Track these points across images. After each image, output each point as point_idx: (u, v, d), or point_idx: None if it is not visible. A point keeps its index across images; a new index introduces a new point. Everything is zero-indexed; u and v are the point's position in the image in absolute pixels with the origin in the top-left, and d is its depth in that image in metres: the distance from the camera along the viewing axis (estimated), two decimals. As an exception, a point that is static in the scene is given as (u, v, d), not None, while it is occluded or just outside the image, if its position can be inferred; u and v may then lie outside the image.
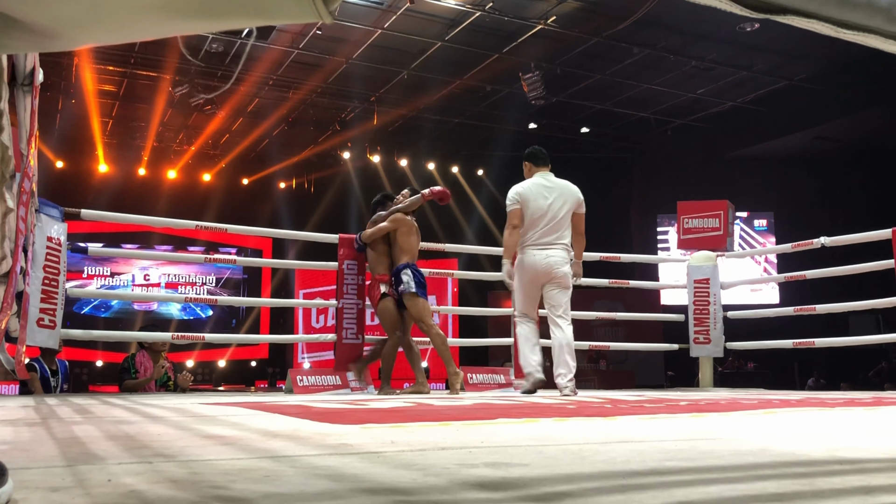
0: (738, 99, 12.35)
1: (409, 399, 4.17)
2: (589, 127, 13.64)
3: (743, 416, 2.73)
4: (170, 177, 14.38)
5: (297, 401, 4.00)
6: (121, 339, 9.24)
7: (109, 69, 11.06)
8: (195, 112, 12.10)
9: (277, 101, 12.29)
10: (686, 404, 3.52)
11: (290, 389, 5.50)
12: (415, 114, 12.98)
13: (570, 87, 11.76)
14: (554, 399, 4.24)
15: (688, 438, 1.89)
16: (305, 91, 11.87)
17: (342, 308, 5.81)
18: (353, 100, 12.38)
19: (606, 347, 7.77)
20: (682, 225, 7.08)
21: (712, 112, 12.93)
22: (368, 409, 3.10)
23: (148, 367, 6.00)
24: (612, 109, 12.82)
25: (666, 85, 11.69)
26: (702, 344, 6.71)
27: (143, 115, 12.75)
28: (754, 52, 10.69)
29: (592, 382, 11.62)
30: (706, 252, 6.91)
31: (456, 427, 2.15)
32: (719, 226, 6.93)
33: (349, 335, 5.79)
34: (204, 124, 13.05)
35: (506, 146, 14.04)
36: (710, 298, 6.73)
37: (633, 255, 8.36)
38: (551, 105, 12.01)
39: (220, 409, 3.18)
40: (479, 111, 12.95)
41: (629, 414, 2.80)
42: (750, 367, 12.42)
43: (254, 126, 13.34)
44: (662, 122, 13.42)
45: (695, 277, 6.83)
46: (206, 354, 14.72)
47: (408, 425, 2.20)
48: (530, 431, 2.07)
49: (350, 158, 14.52)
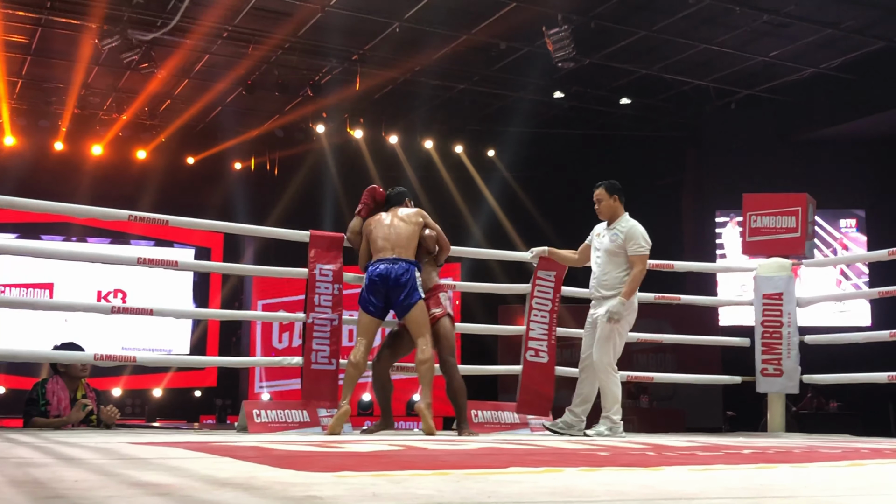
0: (822, 64, 12.34)
1: (396, 441, 4.18)
2: (630, 97, 13.62)
3: (822, 469, 2.73)
4: (94, 153, 14.36)
5: (254, 441, 4.00)
6: (28, 358, 9.24)
7: (19, 14, 11.05)
8: (128, 71, 12.06)
9: (233, 59, 12.27)
10: (750, 453, 3.52)
11: (243, 427, 5.50)
12: (408, 77, 12.97)
13: (606, 46, 11.74)
14: (581, 444, 4.24)
15: (752, 496, 1.89)
16: (269, 46, 11.86)
17: (312, 324, 5.82)
18: (330, 58, 12.37)
19: (650, 379, 7.78)
20: (747, 224, 7.08)
21: (788, 81, 12.91)
22: (344, 454, 3.10)
23: (62, 398, 5.98)
24: (661, 76, 12.80)
25: (730, 45, 11.67)
26: (771, 376, 6.71)
27: (61, 74, 12.73)
28: (843, 4, 10.69)
29: (632, 423, 11.55)
30: (779, 259, 6.91)
31: (456, 477, 2.15)
32: (796, 226, 6.93)
33: (320, 359, 5.80)
34: (139, 87, 13.02)
35: (524, 120, 14.02)
36: (784, 318, 6.74)
37: (689, 263, 8.37)
38: (583, 68, 11.98)
39: (154, 450, 3.18)
40: (491, 75, 12.94)
41: (677, 464, 2.80)
42: (833, 406, 12.40)
43: (203, 90, 13.32)
44: (724, 92, 13.41)
45: (763, 291, 6.83)
46: (136, 381, 14.70)
47: (394, 474, 2.20)
48: (551, 483, 2.07)
49: (325, 133, 14.51)
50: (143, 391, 14.94)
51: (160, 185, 14.17)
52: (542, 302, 6.55)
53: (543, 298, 6.56)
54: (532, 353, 6.44)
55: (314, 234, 5.96)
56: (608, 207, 5.99)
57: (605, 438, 5.06)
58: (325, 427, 5.55)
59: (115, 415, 6.03)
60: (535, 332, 6.48)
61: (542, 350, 6.46)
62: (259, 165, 15.51)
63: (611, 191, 6.01)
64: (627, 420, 6.02)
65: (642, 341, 8.47)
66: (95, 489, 1.78)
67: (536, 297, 6.52)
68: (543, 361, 6.43)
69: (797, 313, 6.81)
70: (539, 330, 6.49)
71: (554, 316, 6.54)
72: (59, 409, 5.93)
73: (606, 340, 5.75)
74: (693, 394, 11.61)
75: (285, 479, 2.04)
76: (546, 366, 6.42)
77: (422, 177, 15.21)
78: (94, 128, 14.27)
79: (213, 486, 1.87)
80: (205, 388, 15.40)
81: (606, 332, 5.74)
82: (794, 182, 9.33)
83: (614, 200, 6.00)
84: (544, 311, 6.53)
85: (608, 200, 6.00)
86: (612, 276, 5.82)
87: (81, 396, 6.02)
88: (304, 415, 5.69)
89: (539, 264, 6.55)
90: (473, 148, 15.39)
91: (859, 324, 13.32)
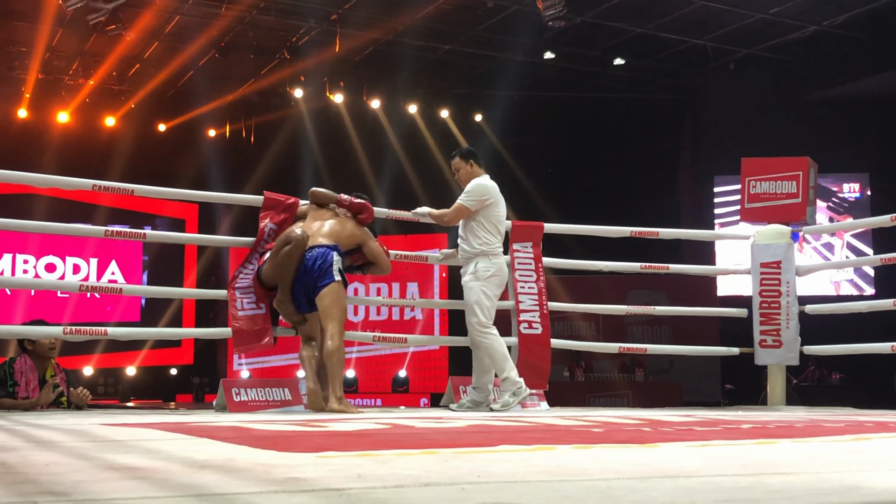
0: (825, 21, 12.33)
1: (382, 419, 4.20)
2: (624, 58, 13.60)
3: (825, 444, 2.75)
4: (60, 120, 14.28)
5: (233, 421, 4.01)
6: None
7: (-23, -26, 10.94)
8: (94, 33, 11.96)
9: (206, 20, 12.18)
10: (750, 427, 3.54)
11: (222, 406, 5.50)
12: (391, 38, 12.90)
13: (599, 4, 11.70)
14: (575, 420, 4.27)
15: (752, 473, 1.90)
16: (243, 6, 11.77)
17: (236, 276, 5.84)
18: (308, 18, 12.29)
19: (643, 351, 7.80)
20: (746, 189, 7.09)
21: (789, 39, 12.90)
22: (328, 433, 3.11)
23: (30, 379, 5.97)
24: (656, 34, 12.77)
25: (728, 2, 11.65)
26: (770, 348, 6.74)
27: (23, 36, 12.61)
28: (846, -42, 10.67)
29: (626, 398, 11.67)
30: (777, 226, 6.92)
31: (444, 456, 2.16)
32: (797, 191, 6.94)
33: (247, 305, 5.80)
34: (106, 50, 12.92)
35: (513, 83, 13.98)
36: (782, 288, 6.76)
37: (676, 231, 8.33)
38: (574, 27, 11.95)
39: (129, 431, 3.18)
40: (478, 35, 12.88)
41: (674, 440, 2.82)
42: (835, 378, 12.50)
43: (174, 53, 13.23)
44: (722, 52, 13.39)
45: (761, 260, 6.85)
46: (109, 359, 14.70)
47: (380, 453, 2.21)
48: (543, 462, 2.08)
49: (303, 98, 14.45)
50: (115, 370, 14.94)
51: (130, 154, 14.11)
52: (526, 273, 6.57)
53: (526, 270, 6.58)
54: (525, 326, 6.46)
55: (268, 196, 5.99)
56: (466, 174, 6.04)
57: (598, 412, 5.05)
58: (306, 405, 5.55)
59: (86, 397, 6.03)
60: (525, 304, 6.50)
61: (535, 321, 6.48)
62: (234, 132, 15.44)
63: (466, 157, 6.07)
64: (621, 394, 6.04)
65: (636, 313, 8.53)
66: (68, 473, 1.78)
67: (518, 269, 6.55)
68: (538, 332, 6.46)
69: (797, 282, 6.83)
70: (529, 302, 6.51)
71: (542, 285, 6.56)
72: (27, 391, 5.92)
73: (474, 303, 5.81)
74: (690, 367, 11.69)
75: (267, 461, 2.04)
76: (541, 336, 6.45)
77: (406, 143, 15.17)
78: (59, 94, 14.17)
79: (192, 469, 1.87)
80: (181, 365, 15.41)
81: (473, 294, 5.82)
82: (796, 145, 9.34)
83: (471, 166, 6.05)
84: (530, 281, 6.56)
85: (465, 167, 6.05)
86: (470, 239, 5.91)
87: (51, 377, 6.01)
88: (285, 393, 5.70)
89: (512, 235, 6.57)
90: (460, 112, 15.35)
91: (862, 293, 13.41)
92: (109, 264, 15.31)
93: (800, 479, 1.76)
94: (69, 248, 14.84)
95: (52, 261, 14.86)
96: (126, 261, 15.42)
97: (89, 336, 6.25)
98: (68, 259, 14.97)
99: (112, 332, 6.95)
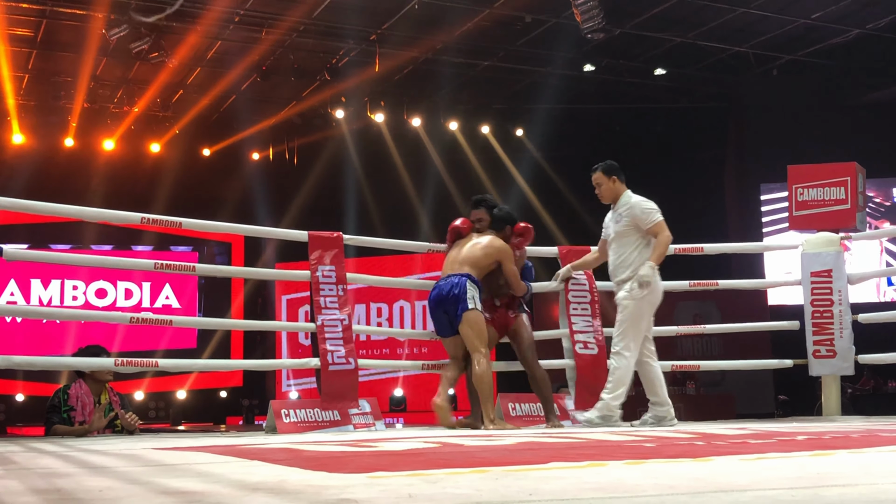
0: (870, 24, 12.18)
1: (431, 438, 4.19)
2: (665, 68, 13.53)
3: (882, 454, 2.71)
4: (106, 148, 14.48)
5: (283, 442, 4.03)
6: (49, 366, 9.35)
7: (23, 6, 11.15)
8: (138, 62, 12.14)
9: (246, 44, 12.32)
10: (805, 439, 3.50)
11: (272, 427, 5.54)
12: (429, 56, 12.95)
13: (638, 15, 11.66)
14: (626, 436, 4.24)
15: (808, 486, 1.88)
16: (283, 29, 11.88)
17: (322, 326, 5.88)
18: (347, 39, 12.38)
19: (696, 368, 7.74)
20: (794, 197, 7.03)
21: (833, 43, 12.77)
22: (377, 453, 3.12)
23: (86, 403, 6.04)
24: (696, 43, 12.70)
25: (769, 8, 11.56)
26: (824, 358, 6.66)
27: (68, 66, 12.83)
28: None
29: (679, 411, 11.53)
30: (826, 234, 6.85)
31: (495, 474, 2.15)
32: (845, 197, 6.87)
33: (336, 359, 5.86)
34: (150, 77, 13.10)
35: (553, 96, 13.96)
36: (834, 297, 6.68)
37: (721, 245, 8.24)
38: (614, 39, 11.91)
39: (181, 455, 3.21)
40: (517, 50, 12.90)
41: (728, 454, 2.79)
42: (891, 386, 12.32)
43: (216, 78, 13.38)
44: (765, 58, 13.28)
45: (811, 269, 6.77)
46: (159, 383, 14.84)
47: (430, 473, 2.21)
48: (594, 479, 2.07)
49: (345, 118, 14.52)
50: (166, 394, 15.08)
51: (176, 179, 14.29)
52: (580, 295, 6.59)
53: (580, 291, 6.59)
54: (581, 346, 6.48)
55: (312, 236, 6.04)
56: (609, 190, 5.95)
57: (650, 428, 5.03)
58: (356, 425, 5.59)
59: (135, 422, 6.09)
60: (578, 326, 6.53)
61: (591, 342, 6.50)
62: (277, 155, 15.57)
63: (608, 172, 5.96)
64: (674, 407, 5.97)
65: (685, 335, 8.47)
66: (122, 498, 1.80)
67: (572, 290, 6.56)
68: (594, 353, 6.47)
69: (848, 290, 6.74)
70: (582, 323, 6.54)
71: (596, 307, 6.59)
72: (83, 415, 5.98)
73: (625, 321, 5.66)
74: (742, 378, 11.55)
75: (318, 482, 2.05)
76: (598, 357, 6.45)
77: (447, 160, 15.20)
78: (104, 122, 14.37)
79: (244, 492, 1.89)
80: (230, 388, 15.50)
81: (627, 311, 5.66)
82: (843, 151, 9.23)
83: (613, 182, 5.95)
84: (584, 302, 6.57)
85: (607, 183, 5.95)
86: (627, 256, 5.78)
87: (106, 401, 6.08)
88: (334, 414, 5.72)
89: (565, 261, 6.58)
90: (500, 128, 15.35)
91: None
92: (163, 288, 15.43)
93: (857, 491, 1.73)
94: (120, 273, 14.96)
95: (104, 286, 15.03)
96: (180, 284, 15.51)
97: (140, 368, 6.37)
98: (119, 284, 15.12)
99: (163, 363, 7.08)
